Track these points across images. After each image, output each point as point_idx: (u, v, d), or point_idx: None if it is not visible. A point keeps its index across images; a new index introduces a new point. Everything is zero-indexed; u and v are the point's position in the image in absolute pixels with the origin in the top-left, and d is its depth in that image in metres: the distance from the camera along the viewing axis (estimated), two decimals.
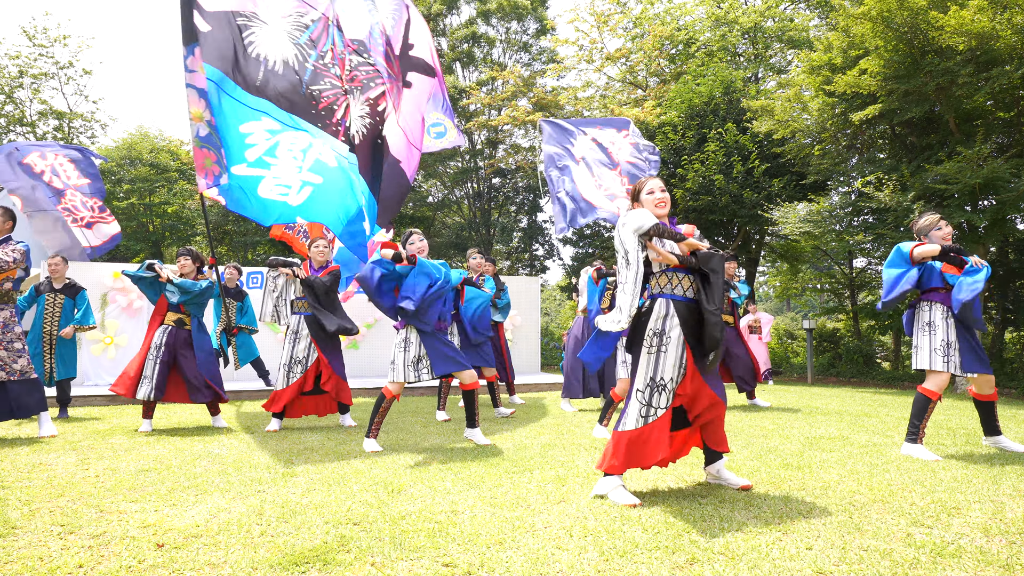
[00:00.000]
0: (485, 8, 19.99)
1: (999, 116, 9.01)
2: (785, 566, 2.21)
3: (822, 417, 6.13)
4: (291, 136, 5.38)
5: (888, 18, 8.20)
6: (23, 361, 4.85)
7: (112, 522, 2.68)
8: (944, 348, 4.14)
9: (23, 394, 4.81)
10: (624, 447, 3.05)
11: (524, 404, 7.37)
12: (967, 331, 4.19)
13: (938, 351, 4.15)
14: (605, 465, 3.09)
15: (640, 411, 3.05)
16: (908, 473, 3.62)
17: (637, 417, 3.05)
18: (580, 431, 5.31)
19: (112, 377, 8.90)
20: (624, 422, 3.10)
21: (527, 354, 11.02)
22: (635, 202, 3.34)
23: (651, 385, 3.05)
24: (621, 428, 3.10)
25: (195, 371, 5.42)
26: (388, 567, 2.21)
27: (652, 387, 3.05)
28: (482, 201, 20.55)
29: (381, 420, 4.52)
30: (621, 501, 2.99)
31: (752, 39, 15.33)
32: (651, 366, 3.06)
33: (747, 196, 12.12)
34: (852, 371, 12.89)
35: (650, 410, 3.04)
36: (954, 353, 4.12)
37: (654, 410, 3.04)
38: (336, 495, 3.13)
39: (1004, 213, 8.71)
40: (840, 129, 10.23)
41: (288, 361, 5.40)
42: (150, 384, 5.29)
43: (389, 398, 4.48)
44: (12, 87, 19.76)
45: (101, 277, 9.11)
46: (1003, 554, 2.33)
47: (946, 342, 4.14)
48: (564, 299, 24.00)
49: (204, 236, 19.05)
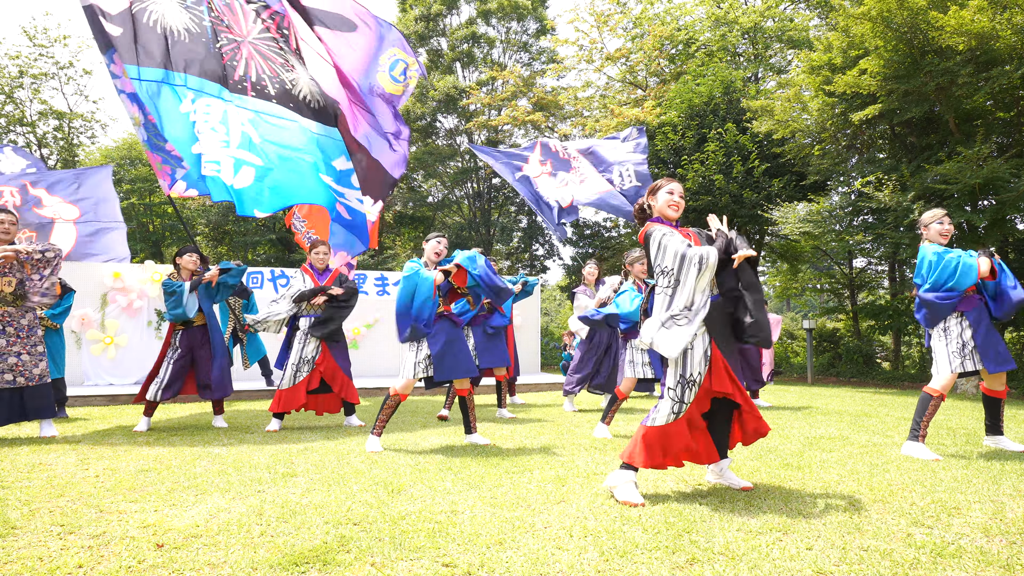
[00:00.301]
0: (485, 8, 20.00)
1: (999, 116, 9.01)
2: (785, 566, 2.21)
3: (822, 417, 6.13)
4: (204, 104, 5.42)
5: (888, 18, 8.20)
6: (43, 365, 4.89)
7: (112, 522, 2.68)
8: (960, 350, 4.16)
9: (38, 398, 4.85)
10: (652, 442, 3.09)
11: (524, 404, 7.36)
12: (990, 328, 4.18)
13: (956, 354, 4.17)
14: (627, 456, 3.12)
15: (673, 408, 3.10)
16: (908, 473, 3.62)
17: (669, 413, 3.10)
18: (580, 431, 5.31)
19: (112, 377, 8.90)
20: (654, 418, 3.13)
21: (527, 354, 11.03)
22: (650, 196, 3.34)
23: (682, 382, 3.09)
24: (651, 423, 3.12)
25: (209, 369, 5.47)
26: (388, 567, 2.21)
27: (683, 383, 3.09)
28: (482, 201, 20.55)
29: (386, 419, 4.52)
30: (626, 498, 3.00)
31: (752, 39, 15.33)
32: (681, 363, 3.10)
33: (747, 196, 12.12)
34: (852, 371, 12.89)
35: (682, 406, 3.10)
36: (973, 352, 4.13)
37: (684, 405, 3.10)
38: (336, 495, 3.13)
39: (1004, 213, 8.72)
40: (840, 129, 10.23)
41: (297, 361, 5.44)
42: (158, 385, 5.35)
43: (393, 396, 4.47)
44: (12, 87, 19.76)
45: (101, 277, 9.10)
46: (1003, 554, 2.33)
47: (961, 343, 4.17)
48: (564, 299, 24.00)
49: (204, 236, 19.05)
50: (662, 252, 3.11)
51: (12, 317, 4.80)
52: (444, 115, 20.27)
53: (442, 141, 20.90)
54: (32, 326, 4.90)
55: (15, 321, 4.81)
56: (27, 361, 4.80)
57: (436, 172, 20.52)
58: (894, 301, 12.32)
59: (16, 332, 4.80)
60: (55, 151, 21.25)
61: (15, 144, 20.38)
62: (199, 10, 5.44)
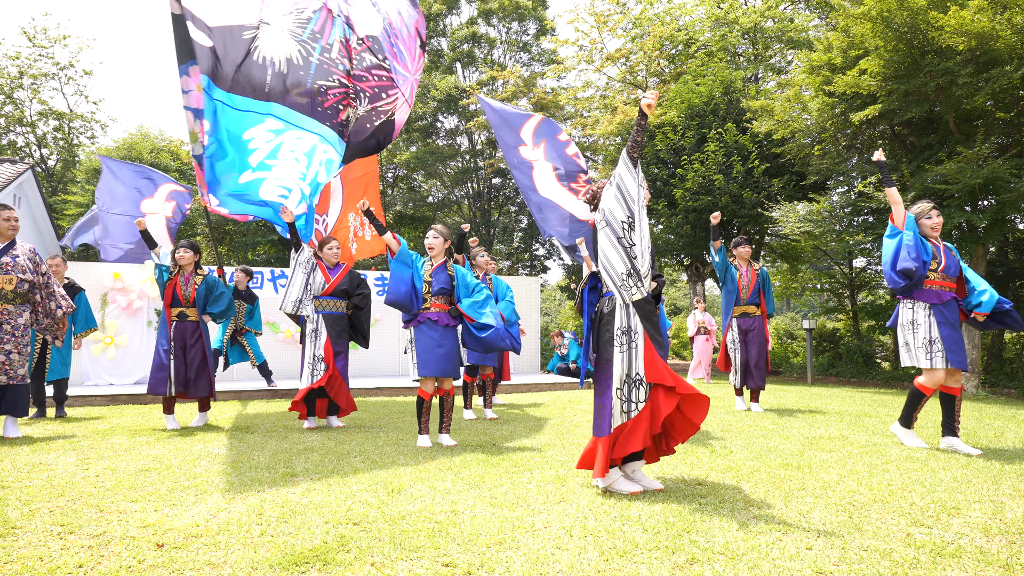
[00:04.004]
0: (486, 8, 20.00)
1: (999, 116, 9.00)
2: (785, 566, 2.21)
3: (822, 417, 6.13)
4: (294, 136, 5.35)
5: (888, 18, 8.19)
6: (28, 365, 4.95)
7: (112, 522, 2.68)
8: (927, 345, 4.28)
9: (18, 397, 4.89)
10: (610, 448, 3.12)
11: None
12: (955, 328, 4.32)
13: (921, 348, 4.31)
14: (598, 471, 3.14)
15: (622, 407, 3.12)
16: (908, 473, 3.62)
17: (620, 413, 3.12)
18: (580, 431, 5.31)
19: (112, 377, 8.91)
20: (603, 426, 3.14)
21: (527, 354, 11.03)
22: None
23: (628, 381, 3.13)
24: (603, 434, 3.14)
25: (193, 366, 5.50)
26: (388, 567, 2.21)
27: (630, 383, 3.13)
28: (482, 201, 20.56)
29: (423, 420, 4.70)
30: (626, 490, 3.11)
31: (752, 39, 15.32)
32: (626, 363, 3.13)
33: (747, 196, 12.12)
34: (852, 371, 12.89)
35: (631, 405, 3.12)
36: (938, 349, 4.26)
37: (635, 404, 3.12)
38: (336, 495, 3.13)
39: (1004, 213, 8.71)
40: (840, 129, 10.22)
41: (312, 360, 5.49)
42: (170, 381, 5.43)
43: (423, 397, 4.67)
44: (12, 87, 19.76)
45: (101, 277, 9.11)
46: (1003, 554, 2.33)
47: (928, 339, 4.29)
48: (564, 299, 24.00)
49: (204, 236, 19.06)
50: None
51: (10, 315, 4.81)
52: (444, 115, 20.28)
53: (442, 141, 20.92)
54: (28, 326, 4.91)
55: (12, 319, 4.81)
56: (15, 360, 4.81)
57: (436, 172, 20.52)
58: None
59: (12, 330, 4.80)
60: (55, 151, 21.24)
61: (14, 144, 20.39)
62: (312, 46, 5.29)
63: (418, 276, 4.64)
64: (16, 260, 4.85)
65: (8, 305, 4.80)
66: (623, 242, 3.15)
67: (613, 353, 3.15)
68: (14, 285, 4.81)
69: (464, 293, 4.66)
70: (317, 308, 5.57)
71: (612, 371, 3.14)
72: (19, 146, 20.80)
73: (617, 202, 3.17)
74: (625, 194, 3.16)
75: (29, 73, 19.88)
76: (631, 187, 3.15)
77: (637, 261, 3.14)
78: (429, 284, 4.64)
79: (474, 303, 4.58)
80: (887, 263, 4.45)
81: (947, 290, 4.41)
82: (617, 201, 3.17)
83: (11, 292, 4.80)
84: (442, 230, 4.81)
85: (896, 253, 4.36)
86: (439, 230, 4.78)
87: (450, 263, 4.77)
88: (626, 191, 3.16)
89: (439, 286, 4.65)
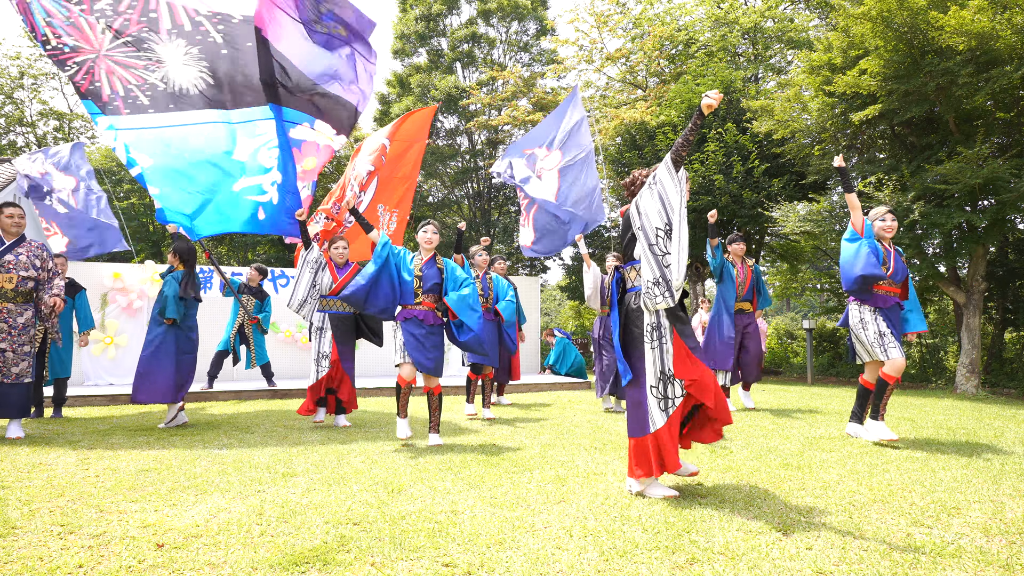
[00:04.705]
0: (486, 8, 20.00)
1: (999, 116, 8.99)
2: (785, 566, 2.21)
3: (822, 417, 6.13)
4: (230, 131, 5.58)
5: (888, 18, 8.19)
6: (24, 365, 4.85)
7: (112, 522, 2.68)
8: (879, 338, 4.59)
9: (13, 396, 4.81)
10: (654, 448, 3.07)
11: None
12: (897, 327, 4.67)
13: (875, 343, 4.60)
14: (637, 474, 3.11)
15: (660, 405, 3.08)
16: (908, 473, 3.62)
17: (659, 412, 3.08)
18: (580, 431, 5.31)
19: (112, 377, 8.91)
20: (643, 426, 3.09)
21: (527, 354, 11.03)
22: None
23: (663, 378, 3.09)
24: (643, 434, 3.09)
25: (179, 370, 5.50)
26: (388, 567, 2.21)
27: (664, 380, 3.09)
28: (482, 201, 20.56)
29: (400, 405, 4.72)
30: (660, 494, 3.08)
31: (752, 39, 15.32)
32: (658, 359, 3.09)
33: (747, 196, 12.12)
34: (852, 371, 12.88)
35: (668, 402, 3.08)
36: (889, 341, 4.56)
37: (671, 401, 3.08)
38: (336, 495, 3.13)
39: (1004, 213, 8.70)
40: (840, 129, 10.22)
41: (317, 356, 5.56)
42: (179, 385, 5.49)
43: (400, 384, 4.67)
44: (12, 88, 19.77)
45: (101, 277, 9.11)
46: (1003, 554, 2.33)
47: (879, 332, 4.60)
48: (564, 299, 24.00)
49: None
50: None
51: (10, 313, 4.79)
52: (444, 115, 20.28)
53: (442, 141, 20.91)
54: (27, 325, 4.88)
55: (11, 318, 4.79)
56: (10, 359, 4.77)
57: (436, 172, 20.52)
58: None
59: (9, 329, 4.78)
60: None
61: (15, 144, 20.39)
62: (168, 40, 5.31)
63: (406, 268, 4.64)
64: (19, 258, 4.82)
65: (8, 304, 4.78)
66: (655, 248, 3.00)
67: (645, 350, 3.10)
68: (15, 284, 4.80)
69: (452, 286, 4.67)
70: (324, 308, 5.60)
71: (644, 368, 3.11)
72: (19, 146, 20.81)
73: (654, 207, 3.02)
74: (665, 202, 3.00)
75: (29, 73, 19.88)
76: (672, 195, 2.98)
77: (669, 271, 2.97)
78: (420, 279, 4.64)
79: (461, 298, 4.59)
80: (847, 266, 4.68)
81: (892, 295, 4.71)
82: (654, 206, 3.03)
83: (11, 291, 4.79)
84: (439, 228, 4.83)
85: (858, 258, 4.61)
86: (438, 227, 4.79)
87: (439, 256, 4.79)
88: (666, 199, 3.00)
89: (431, 282, 4.65)
